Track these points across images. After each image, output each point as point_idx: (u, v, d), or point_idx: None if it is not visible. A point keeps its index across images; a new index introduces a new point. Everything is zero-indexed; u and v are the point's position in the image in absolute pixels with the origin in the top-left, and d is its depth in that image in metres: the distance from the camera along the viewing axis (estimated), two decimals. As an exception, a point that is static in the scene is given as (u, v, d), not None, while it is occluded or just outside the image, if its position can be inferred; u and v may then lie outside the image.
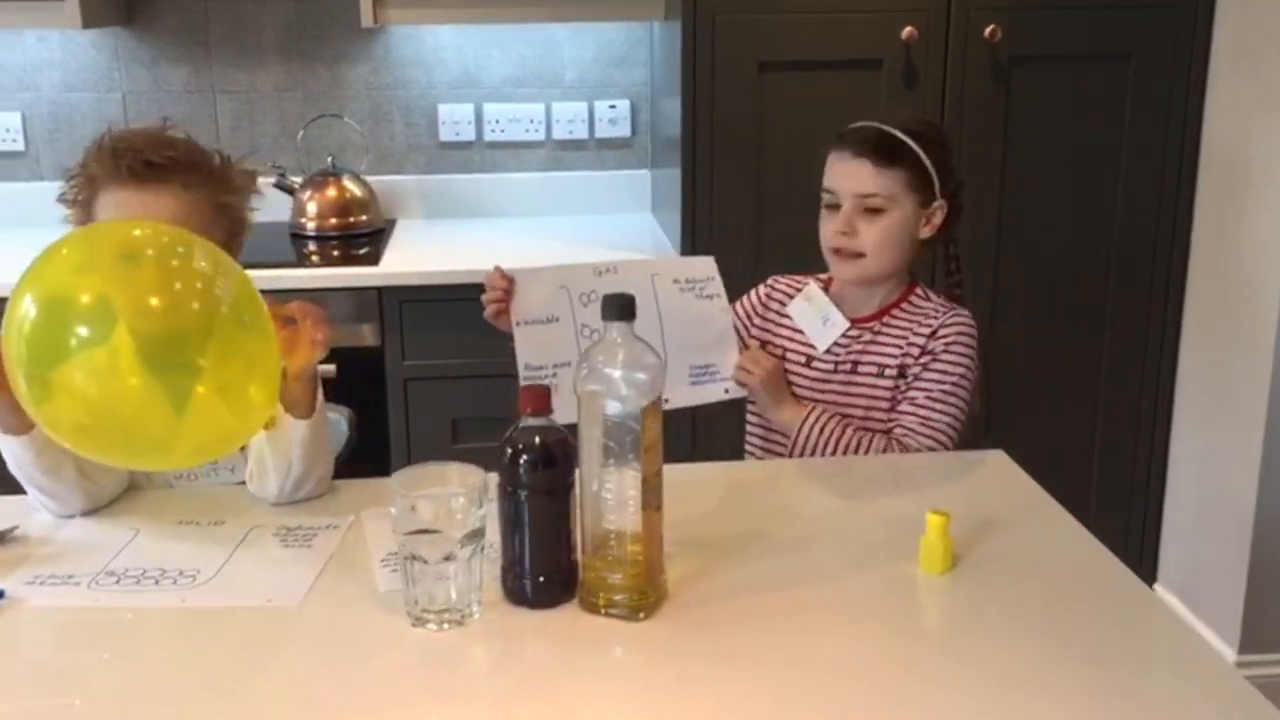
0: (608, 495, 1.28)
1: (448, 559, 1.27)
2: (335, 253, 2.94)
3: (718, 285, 1.85)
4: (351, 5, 2.80)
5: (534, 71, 3.16)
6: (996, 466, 1.71)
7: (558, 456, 1.29)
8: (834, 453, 1.82)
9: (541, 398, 1.30)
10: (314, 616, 1.32)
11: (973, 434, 1.87)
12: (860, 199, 1.83)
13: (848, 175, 1.84)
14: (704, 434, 2.58)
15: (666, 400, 1.77)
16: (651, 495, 1.28)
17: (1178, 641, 1.29)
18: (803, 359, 1.91)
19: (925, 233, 1.86)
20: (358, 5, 2.78)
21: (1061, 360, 2.89)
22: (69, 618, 1.31)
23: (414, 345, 2.71)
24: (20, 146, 3.08)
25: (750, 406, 1.96)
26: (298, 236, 3.01)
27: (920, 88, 2.70)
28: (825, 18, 2.65)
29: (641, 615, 1.29)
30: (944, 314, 1.87)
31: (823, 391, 1.89)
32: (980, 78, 2.71)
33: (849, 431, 1.83)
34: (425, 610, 1.28)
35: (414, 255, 2.87)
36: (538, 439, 1.30)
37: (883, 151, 1.82)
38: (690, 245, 2.72)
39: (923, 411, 1.83)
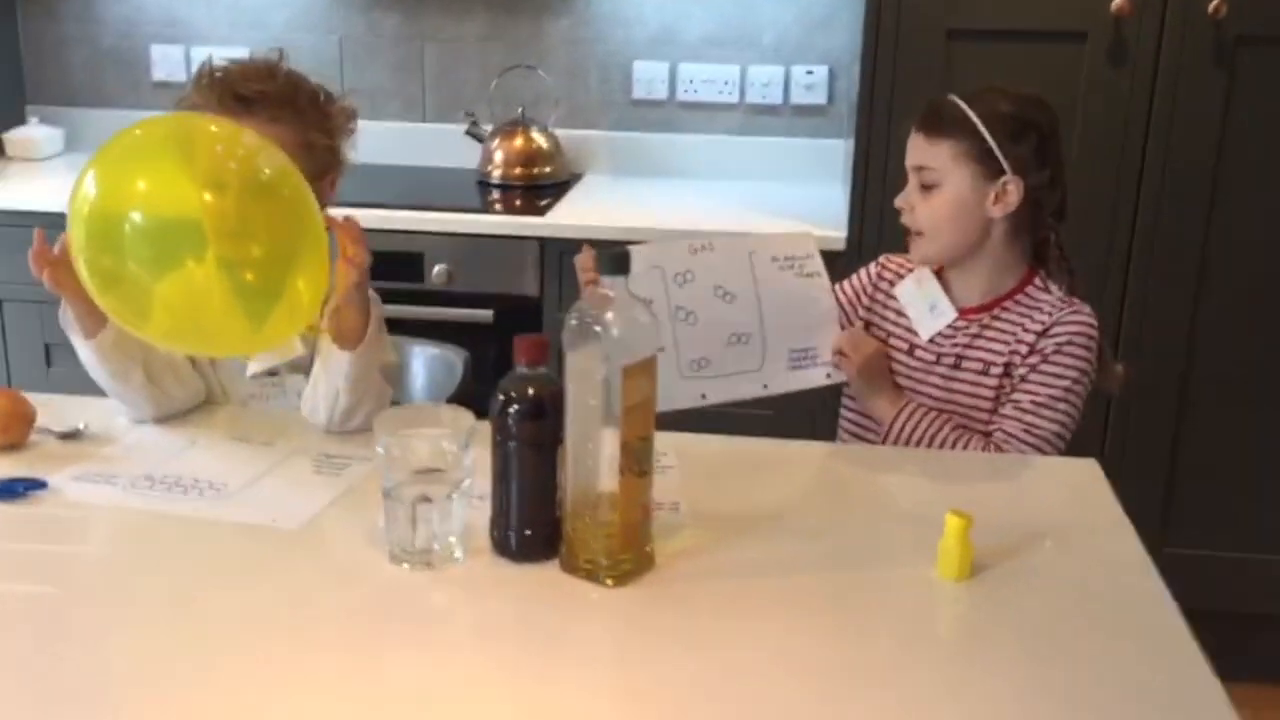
0: (588, 456, 1.24)
1: (423, 500, 1.26)
2: (518, 202, 2.98)
3: (818, 263, 1.76)
4: (554, -42, 2.83)
5: (732, 32, 3.09)
6: (1082, 476, 1.55)
7: (548, 410, 1.26)
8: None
9: (537, 348, 1.27)
10: (306, 542, 1.35)
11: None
12: (916, 172, 1.74)
13: (908, 149, 1.76)
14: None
15: (765, 386, 1.71)
16: (633, 460, 1.23)
17: (1192, 685, 1.12)
18: (905, 346, 1.80)
19: (996, 211, 1.71)
20: (558, -42, 2.81)
21: (1272, 368, 2.60)
22: (91, 514, 1.39)
23: (571, 297, 2.71)
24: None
25: (846, 389, 1.86)
26: (484, 184, 3.07)
27: (1130, 66, 2.47)
28: (1024, -16, 2.47)
29: (609, 582, 1.25)
30: (1061, 310, 1.72)
31: (922, 383, 1.78)
32: (1199, 58, 2.45)
33: (945, 429, 1.71)
34: (403, 550, 1.28)
35: (585, 209, 2.87)
36: (530, 390, 1.27)
37: (931, 122, 1.73)
38: (859, 221, 2.60)
39: (1027, 417, 1.69)
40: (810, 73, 3.09)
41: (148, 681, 1.10)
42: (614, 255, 1.22)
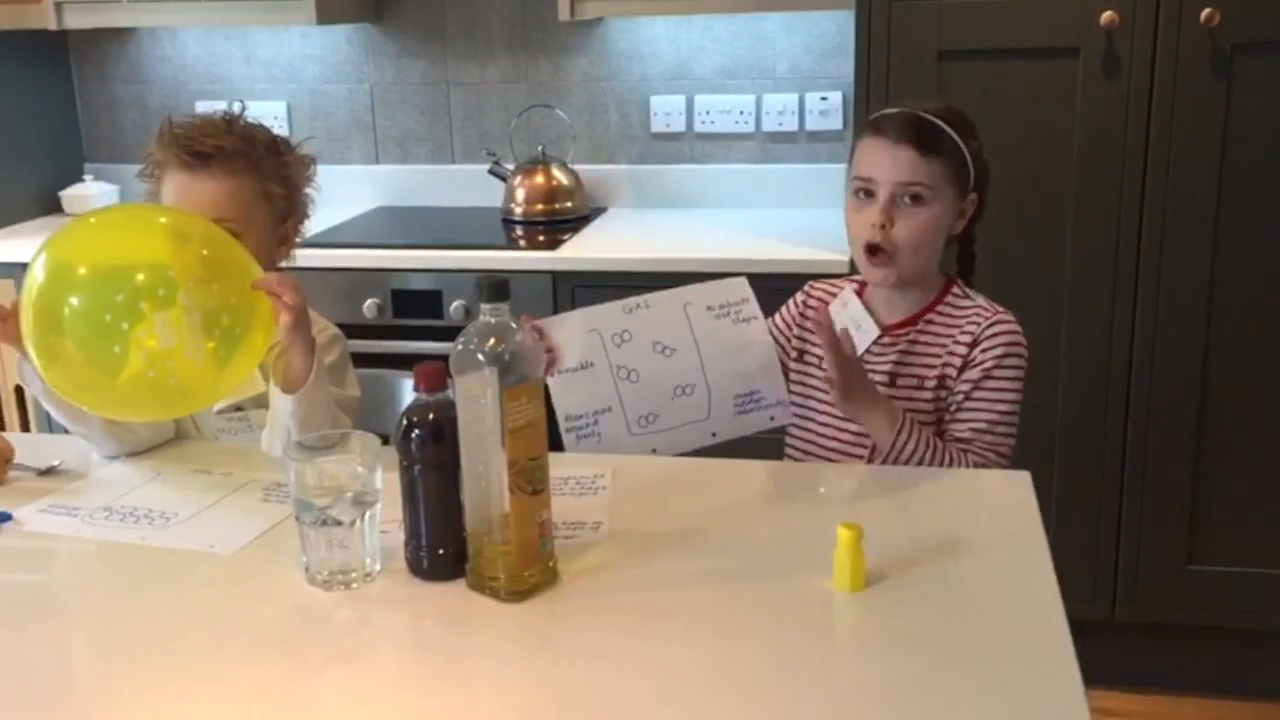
0: (481, 477, 1.29)
1: (336, 523, 1.32)
2: (540, 237, 3.05)
3: (753, 307, 1.76)
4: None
5: (745, 63, 3.14)
6: (1009, 488, 1.55)
7: (447, 433, 1.32)
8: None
9: (435, 375, 1.33)
10: (236, 566, 1.42)
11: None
12: (902, 188, 1.71)
13: (889, 164, 1.72)
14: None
15: (714, 434, 1.73)
16: (523, 479, 1.28)
17: (1056, 698, 1.13)
18: None
19: (957, 228, 1.73)
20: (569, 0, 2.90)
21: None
22: (46, 544, 1.48)
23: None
24: (285, 132, 3.41)
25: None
26: (507, 221, 3.16)
27: (1124, 79, 2.45)
28: (1012, 2, 2.46)
29: (507, 598, 1.30)
30: (986, 319, 1.73)
31: None
32: (1196, 68, 2.42)
33: (942, 447, 1.70)
34: (319, 571, 1.35)
35: (598, 242, 2.94)
36: (431, 415, 1.33)
37: (926, 139, 1.71)
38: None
39: (986, 438, 1.71)
40: (824, 99, 3.12)
41: (61, 695, 1.18)
42: (494, 283, 1.27)
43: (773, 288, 1.98)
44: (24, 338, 1.51)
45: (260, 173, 1.76)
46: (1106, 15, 2.42)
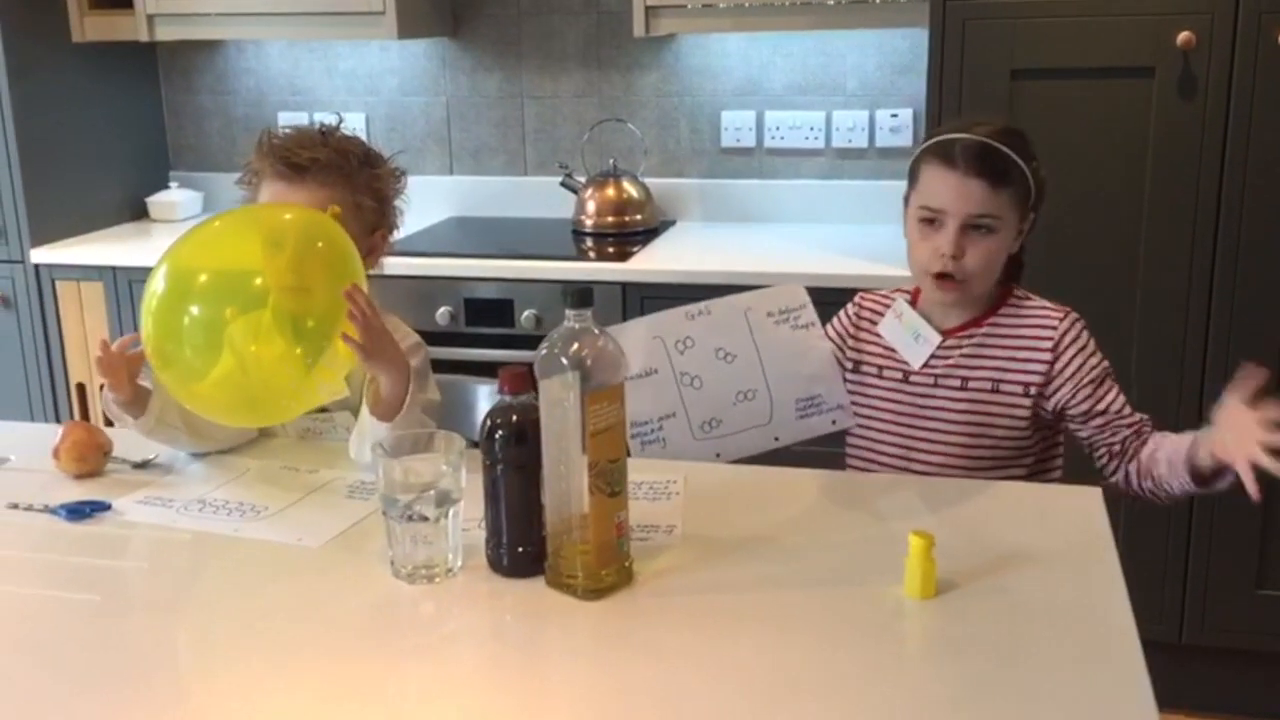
0: (561, 478, 1.33)
1: (421, 519, 1.37)
2: (610, 249, 3.10)
3: (811, 313, 1.81)
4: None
5: (816, 79, 3.17)
6: (1079, 503, 1.56)
7: (529, 435, 1.36)
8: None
9: (519, 378, 1.37)
10: (322, 558, 1.47)
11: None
12: (973, 219, 1.73)
13: (960, 195, 1.73)
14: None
15: (776, 438, 1.77)
16: (601, 481, 1.32)
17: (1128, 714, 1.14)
18: (899, 375, 1.83)
19: (1015, 246, 1.75)
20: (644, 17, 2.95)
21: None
22: (144, 533, 1.55)
23: (650, 340, 2.81)
24: (364, 143, 3.49)
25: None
26: (578, 233, 3.21)
27: (1200, 99, 2.45)
28: (1086, 21, 2.47)
29: (584, 596, 1.33)
30: (1058, 319, 1.77)
31: (923, 408, 1.81)
32: (1273, 88, 2.41)
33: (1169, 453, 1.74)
34: (404, 565, 1.39)
35: (666, 255, 2.98)
36: (514, 417, 1.37)
37: (996, 170, 1.73)
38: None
39: (1131, 418, 1.79)
40: (895, 115, 3.14)
41: (159, 675, 1.24)
42: (579, 290, 1.32)
43: (841, 303, 2.01)
44: (144, 343, 1.58)
45: (352, 185, 1.81)
46: (1183, 35, 2.42)
